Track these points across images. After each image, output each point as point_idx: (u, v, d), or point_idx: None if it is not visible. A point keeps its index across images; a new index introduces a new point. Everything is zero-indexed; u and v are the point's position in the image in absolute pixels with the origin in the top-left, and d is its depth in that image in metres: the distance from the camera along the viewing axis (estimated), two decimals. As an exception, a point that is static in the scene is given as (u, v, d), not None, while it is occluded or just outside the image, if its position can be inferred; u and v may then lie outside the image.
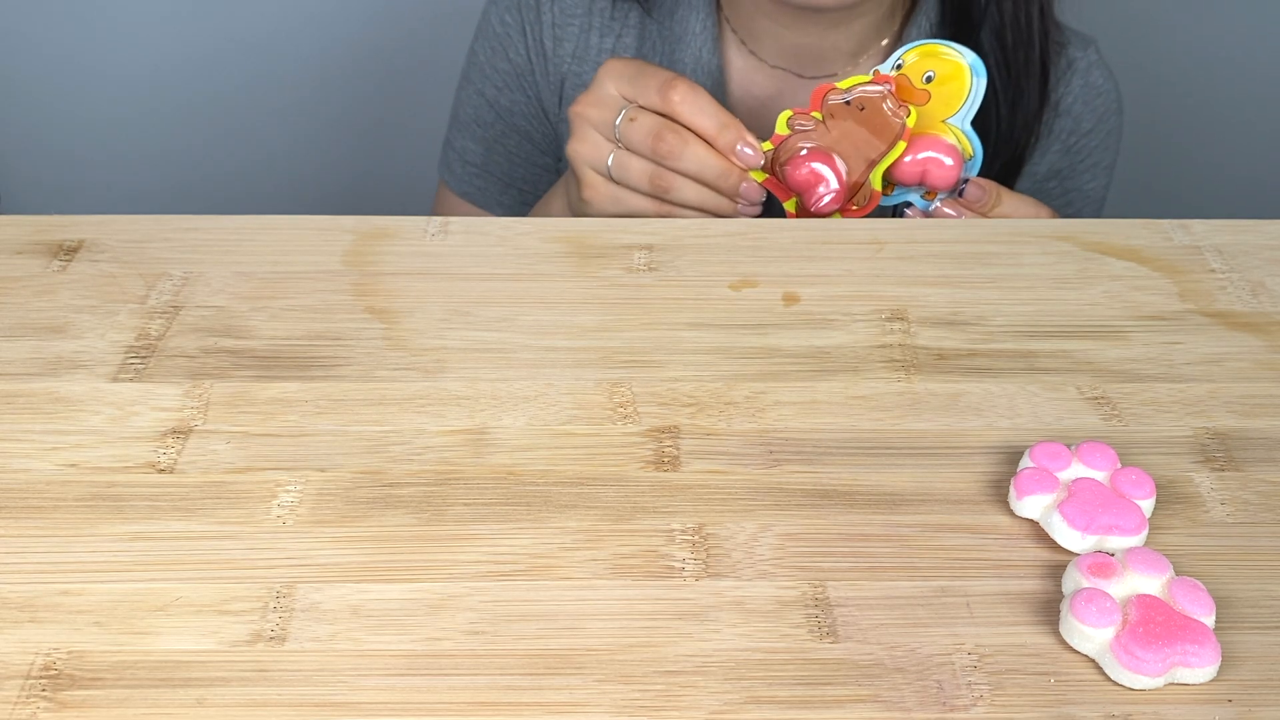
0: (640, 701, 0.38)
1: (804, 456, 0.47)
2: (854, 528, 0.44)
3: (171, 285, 0.55)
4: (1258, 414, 0.50)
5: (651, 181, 0.64)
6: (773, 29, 0.77)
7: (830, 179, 0.63)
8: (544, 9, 0.82)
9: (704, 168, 0.64)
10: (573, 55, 0.82)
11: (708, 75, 0.79)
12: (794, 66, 0.79)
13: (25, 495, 0.44)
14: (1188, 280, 0.57)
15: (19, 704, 0.37)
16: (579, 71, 0.82)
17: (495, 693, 0.38)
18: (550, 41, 0.82)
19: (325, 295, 0.54)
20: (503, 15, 0.83)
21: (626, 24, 0.81)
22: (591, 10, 0.82)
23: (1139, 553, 0.42)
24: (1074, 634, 0.40)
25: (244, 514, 0.44)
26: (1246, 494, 0.46)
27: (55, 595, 0.41)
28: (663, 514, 0.44)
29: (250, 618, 0.40)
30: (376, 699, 0.38)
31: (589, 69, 0.82)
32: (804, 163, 0.63)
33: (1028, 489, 0.44)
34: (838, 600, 0.41)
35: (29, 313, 0.53)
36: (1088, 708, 0.38)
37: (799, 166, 0.63)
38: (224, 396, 0.49)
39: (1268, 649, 0.40)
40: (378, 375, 0.50)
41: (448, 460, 0.46)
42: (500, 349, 0.52)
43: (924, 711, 0.38)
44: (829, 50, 0.78)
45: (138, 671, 0.38)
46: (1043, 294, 0.56)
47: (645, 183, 0.65)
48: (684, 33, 0.79)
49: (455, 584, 0.41)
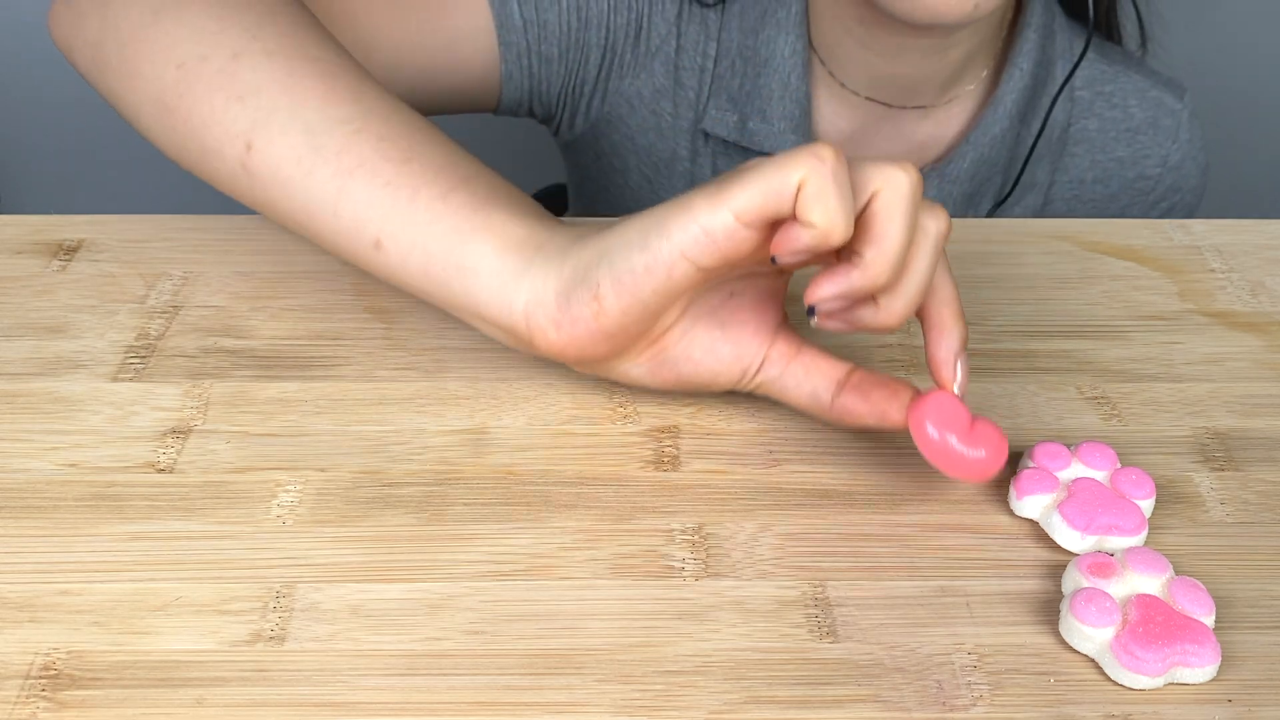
0: (640, 701, 0.38)
1: (804, 456, 0.47)
2: (854, 528, 0.44)
3: (171, 285, 0.55)
4: (1258, 414, 0.50)
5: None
6: (863, 56, 0.71)
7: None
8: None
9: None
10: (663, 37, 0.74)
11: (796, 104, 0.72)
12: (883, 97, 0.73)
13: (25, 495, 0.44)
14: (1188, 280, 0.57)
15: (19, 704, 0.37)
16: (648, 65, 0.74)
17: (495, 693, 0.38)
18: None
19: (325, 295, 0.54)
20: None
21: (707, 32, 0.74)
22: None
23: (1139, 553, 0.42)
24: (1074, 634, 0.40)
25: (244, 514, 0.44)
26: (1246, 494, 0.46)
27: (55, 595, 0.41)
28: (663, 514, 0.44)
29: (250, 618, 0.40)
30: (376, 699, 0.38)
31: (659, 64, 0.74)
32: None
33: (1028, 489, 0.44)
34: (838, 600, 0.41)
35: (29, 313, 0.53)
36: (1088, 708, 0.38)
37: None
38: (224, 396, 0.49)
39: (1268, 649, 0.40)
40: (378, 375, 0.50)
41: (447, 460, 0.46)
42: (500, 349, 0.52)
43: (924, 711, 0.38)
44: (921, 81, 0.72)
45: (137, 671, 0.38)
46: (1043, 294, 0.56)
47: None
48: (771, 55, 0.72)
49: (455, 584, 0.41)
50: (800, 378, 0.47)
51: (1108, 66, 0.77)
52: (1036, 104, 0.74)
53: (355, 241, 0.48)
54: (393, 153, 0.48)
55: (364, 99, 0.50)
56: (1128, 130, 0.77)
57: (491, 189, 0.48)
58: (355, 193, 0.47)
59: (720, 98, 0.74)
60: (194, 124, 0.51)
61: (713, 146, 0.75)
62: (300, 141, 0.48)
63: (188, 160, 0.53)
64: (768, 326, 0.47)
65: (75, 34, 0.56)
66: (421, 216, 0.46)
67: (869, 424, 0.46)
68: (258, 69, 0.50)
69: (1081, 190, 0.78)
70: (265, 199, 0.50)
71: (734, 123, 0.74)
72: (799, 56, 0.72)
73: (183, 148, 0.52)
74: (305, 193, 0.48)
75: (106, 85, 0.55)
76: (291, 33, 0.52)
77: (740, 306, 0.47)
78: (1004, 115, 0.73)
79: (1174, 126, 0.78)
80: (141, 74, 0.52)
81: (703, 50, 0.74)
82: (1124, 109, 0.77)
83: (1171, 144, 0.78)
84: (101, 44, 0.55)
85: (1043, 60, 0.74)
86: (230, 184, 0.51)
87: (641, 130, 0.76)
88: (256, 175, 0.49)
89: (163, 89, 0.52)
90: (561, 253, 0.45)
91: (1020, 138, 0.75)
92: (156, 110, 0.52)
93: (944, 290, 0.45)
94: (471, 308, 0.46)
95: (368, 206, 0.47)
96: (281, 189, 0.49)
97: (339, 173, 0.48)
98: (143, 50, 0.53)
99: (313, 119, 0.49)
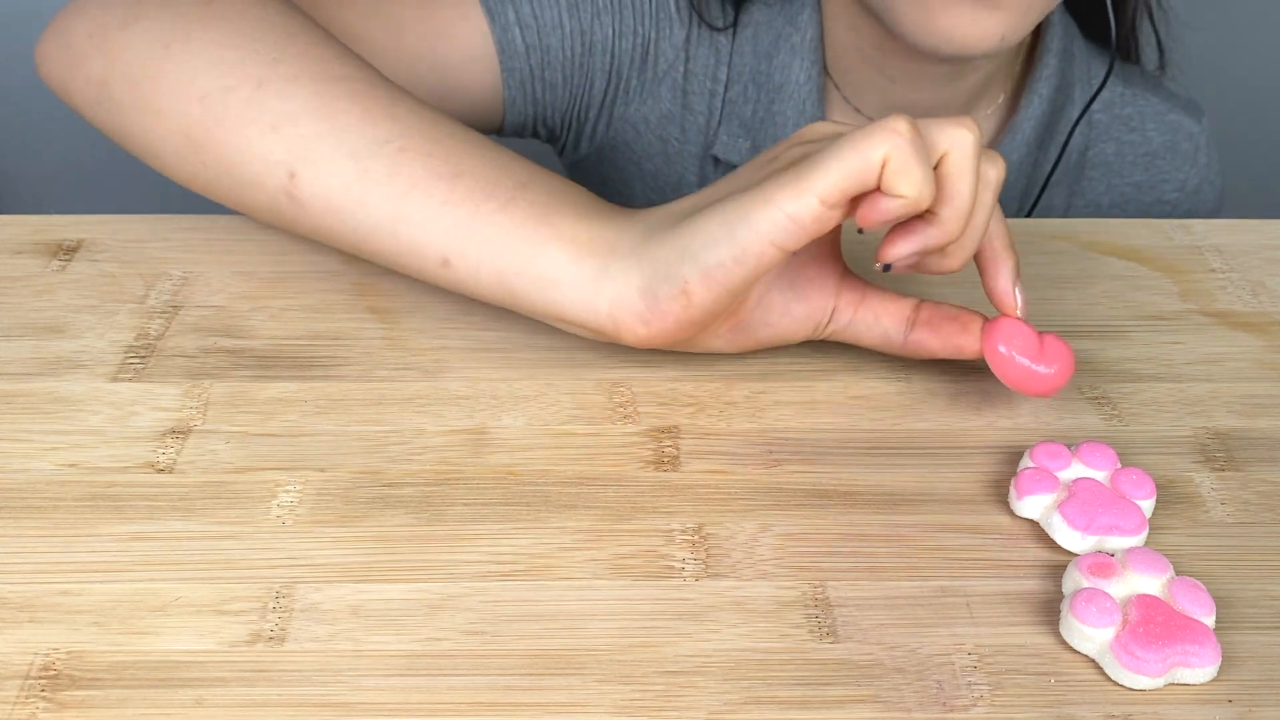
0: (640, 701, 0.38)
1: (804, 456, 0.47)
2: (854, 528, 0.44)
3: (171, 285, 0.55)
4: (1258, 414, 0.50)
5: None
6: (880, 82, 0.71)
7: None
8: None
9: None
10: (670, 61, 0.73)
11: None
12: None
13: (25, 495, 0.44)
14: (1188, 280, 0.57)
15: (19, 704, 0.37)
16: (655, 91, 0.73)
17: (495, 693, 0.38)
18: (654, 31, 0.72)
19: (325, 295, 0.54)
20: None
21: (718, 57, 0.73)
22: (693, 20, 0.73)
23: (1139, 553, 0.42)
24: (1074, 634, 0.40)
25: (244, 514, 0.44)
26: (1246, 494, 0.46)
27: (55, 595, 0.41)
28: (663, 514, 0.44)
29: (250, 618, 0.40)
30: (376, 699, 0.38)
31: (666, 89, 0.73)
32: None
33: (1028, 489, 0.44)
34: (838, 600, 0.41)
35: (29, 313, 0.53)
36: (1088, 708, 0.38)
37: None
38: (223, 396, 0.49)
39: (1268, 649, 0.40)
40: (377, 375, 0.50)
41: (447, 460, 0.46)
42: (500, 349, 0.52)
43: (924, 711, 0.38)
44: (938, 107, 0.71)
45: (137, 671, 0.38)
46: (1043, 294, 0.56)
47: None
48: (785, 81, 0.71)
49: (455, 584, 0.41)
50: (870, 321, 0.50)
51: (1126, 89, 0.76)
52: (1055, 129, 0.74)
53: (420, 261, 0.49)
54: (442, 169, 0.48)
55: (400, 115, 0.50)
56: (1146, 155, 0.77)
57: (548, 192, 0.49)
58: (412, 215, 0.48)
59: (732, 124, 0.73)
60: (228, 157, 0.51)
61: (722, 172, 0.74)
62: (347, 167, 0.49)
63: (220, 193, 0.53)
64: (833, 279, 0.50)
65: (73, 72, 0.56)
66: (486, 233, 0.47)
67: (944, 356, 0.50)
68: (286, 96, 0.50)
69: (1098, 215, 0.78)
70: (314, 226, 0.51)
71: (746, 149, 0.73)
72: (814, 82, 0.71)
73: (215, 181, 0.52)
74: (359, 218, 0.49)
75: (115, 123, 0.55)
76: (311, 53, 0.52)
77: (806, 264, 0.49)
78: (1022, 142, 0.72)
79: (1192, 150, 0.78)
80: (160, 110, 0.52)
81: (713, 75, 0.73)
82: (1142, 133, 0.77)
83: (1190, 168, 0.78)
84: (108, 82, 0.54)
85: (1062, 85, 0.73)
86: (272, 214, 0.52)
87: (648, 155, 0.76)
88: (305, 204, 0.50)
89: (187, 124, 0.51)
90: (636, 252, 0.46)
91: (1038, 163, 0.74)
92: (183, 146, 0.52)
93: (994, 226, 0.48)
94: (554, 315, 0.48)
95: (428, 227, 0.48)
96: (335, 216, 0.49)
97: (392, 196, 0.48)
98: (159, 85, 0.52)
99: (355, 143, 0.49)
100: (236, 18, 0.52)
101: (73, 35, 0.55)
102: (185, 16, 0.53)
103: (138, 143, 0.54)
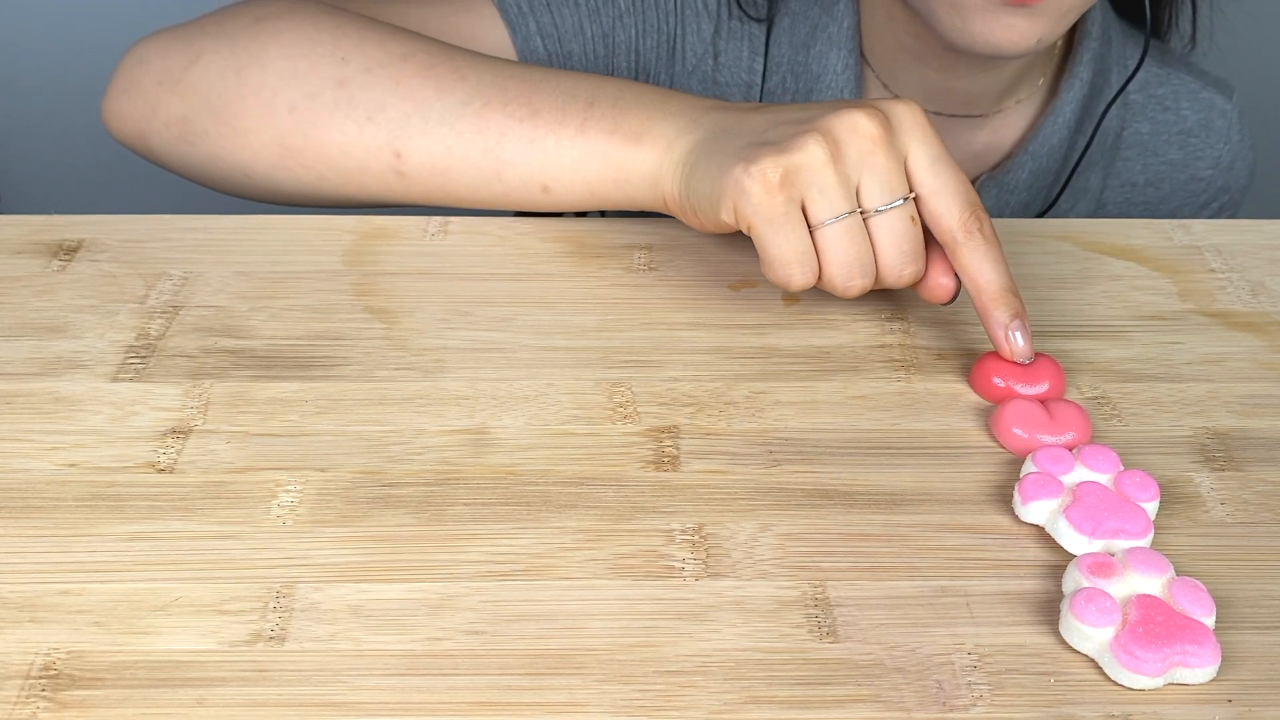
0: (640, 701, 0.38)
1: (804, 456, 0.47)
2: (854, 528, 0.44)
3: (171, 285, 0.55)
4: (1258, 414, 0.50)
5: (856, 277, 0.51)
6: (918, 70, 0.71)
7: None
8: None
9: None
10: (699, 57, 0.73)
11: None
12: (937, 107, 0.73)
13: (25, 495, 0.44)
14: (1188, 280, 0.57)
15: (19, 704, 0.37)
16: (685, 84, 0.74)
17: (495, 693, 0.38)
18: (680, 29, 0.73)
19: (325, 295, 0.54)
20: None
21: (752, 48, 0.73)
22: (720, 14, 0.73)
23: (1139, 553, 0.42)
24: (1074, 634, 0.40)
25: (244, 514, 0.44)
26: (1246, 494, 0.46)
27: (55, 595, 0.41)
28: (663, 514, 0.44)
29: (250, 618, 0.40)
30: (376, 699, 0.38)
31: (696, 82, 0.73)
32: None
33: (1032, 494, 0.44)
34: (838, 600, 0.41)
35: (29, 313, 0.53)
36: (1088, 708, 0.38)
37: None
38: (224, 396, 0.49)
39: (1268, 649, 0.40)
40: (377, 375, 0.50)
41: (447, 460, 0.46)
42: (500, 349, 0.52)
43: (924, 711, 0.38)
44: (978, 94, 0.72)
45: (137, 671, 0.38)
46: (1043, 294, 0.56)
47: (855, 276, 0.51)
48: (822, 71, 0.71)
49: (455, 584, 0.41)
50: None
51: (1159, 68, 0.77)
52: (1092, 110, 0.74)
53: (524, 194, 0.57)
54: (521, 112, 0.56)
55: (467, 75, 0.57)
56: (1180, 133, 0.78)
57: (613, 102, 0.55)
58: (509, 158, 0.56)
59: None
60: (329, 154, 0.58)
61: None
62: (443, 133, 0.56)
63: (323, 189, 0.59)
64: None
65: (151, 120, 0.61)
66: (571, 155, 0.55)
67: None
68: (367, 87, 0.57)
69: (1133, 194, 0.78)
70: (425, 192, 0.58)
71: None
72: (851, 71, 0.71)
73: (318, 180, 0.59)
74: (467, 176, 0.56)
75: (202, 153, 0.59)
76: (368, 40, 0.58)
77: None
78: (1063, 125, 0.73)
79: (1225, 127, 0.79)
80: (250, 129, 0.58)
81: (748, 66, 0.73)
82: (1176, 111, 0.77)
83: (1223, 145, 0.79)
84: (188, 118, 0.59)
85: (1100, 69, 0.74)
86: (382, 192, 0.58)
87: None
88: (414, 176, 0.57)
89: (281, 134, 0.57)
90: (682, 162, 0.53)
91: (1075, 144, 0.74)
92: (280, 155, 0.58)
93: (987, 275, 0.51)
94: (632, 205, 0.56)
95: (525, 166, 0.56)
96: (443, 178, 0.57)
97: (488, 149, 0.56)
98: (245, 107, 0.58)
99: (441, 111, 0.56)
100: (292, 30, 0.58)
101: (141, 86, 0.60)
102: (244, 42, 0.58)
103: (229, 165, 0.58)
